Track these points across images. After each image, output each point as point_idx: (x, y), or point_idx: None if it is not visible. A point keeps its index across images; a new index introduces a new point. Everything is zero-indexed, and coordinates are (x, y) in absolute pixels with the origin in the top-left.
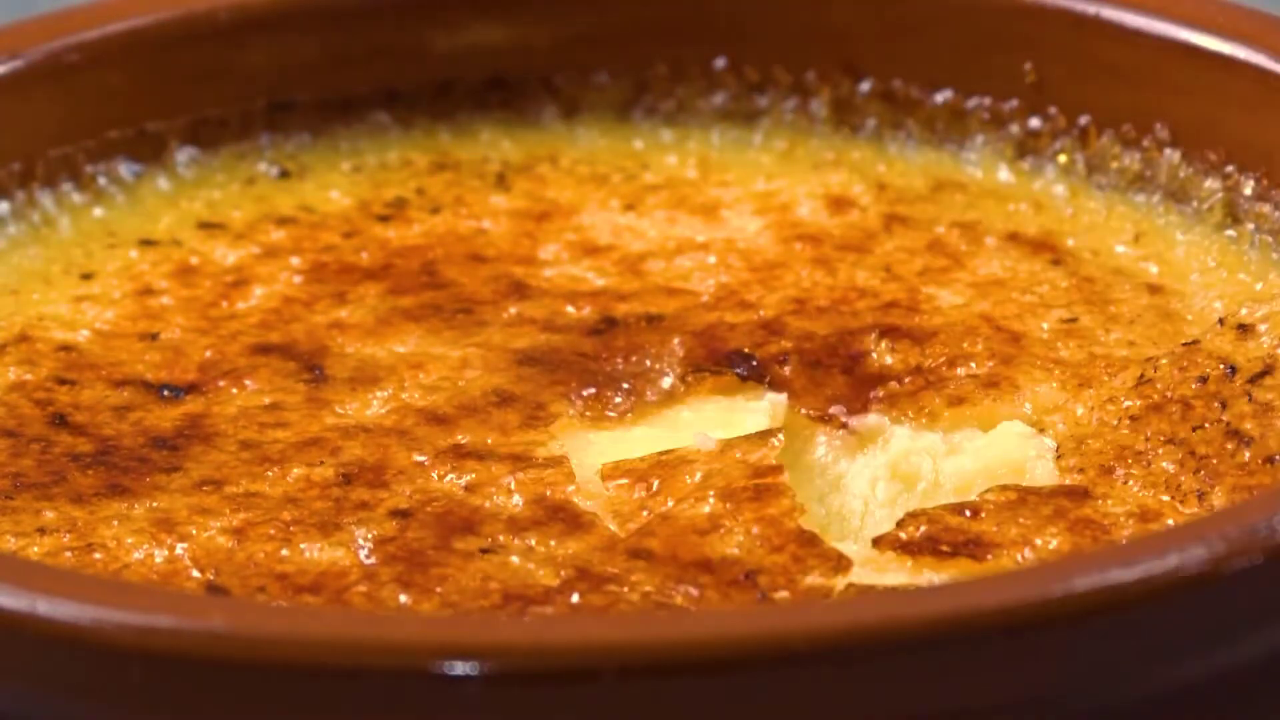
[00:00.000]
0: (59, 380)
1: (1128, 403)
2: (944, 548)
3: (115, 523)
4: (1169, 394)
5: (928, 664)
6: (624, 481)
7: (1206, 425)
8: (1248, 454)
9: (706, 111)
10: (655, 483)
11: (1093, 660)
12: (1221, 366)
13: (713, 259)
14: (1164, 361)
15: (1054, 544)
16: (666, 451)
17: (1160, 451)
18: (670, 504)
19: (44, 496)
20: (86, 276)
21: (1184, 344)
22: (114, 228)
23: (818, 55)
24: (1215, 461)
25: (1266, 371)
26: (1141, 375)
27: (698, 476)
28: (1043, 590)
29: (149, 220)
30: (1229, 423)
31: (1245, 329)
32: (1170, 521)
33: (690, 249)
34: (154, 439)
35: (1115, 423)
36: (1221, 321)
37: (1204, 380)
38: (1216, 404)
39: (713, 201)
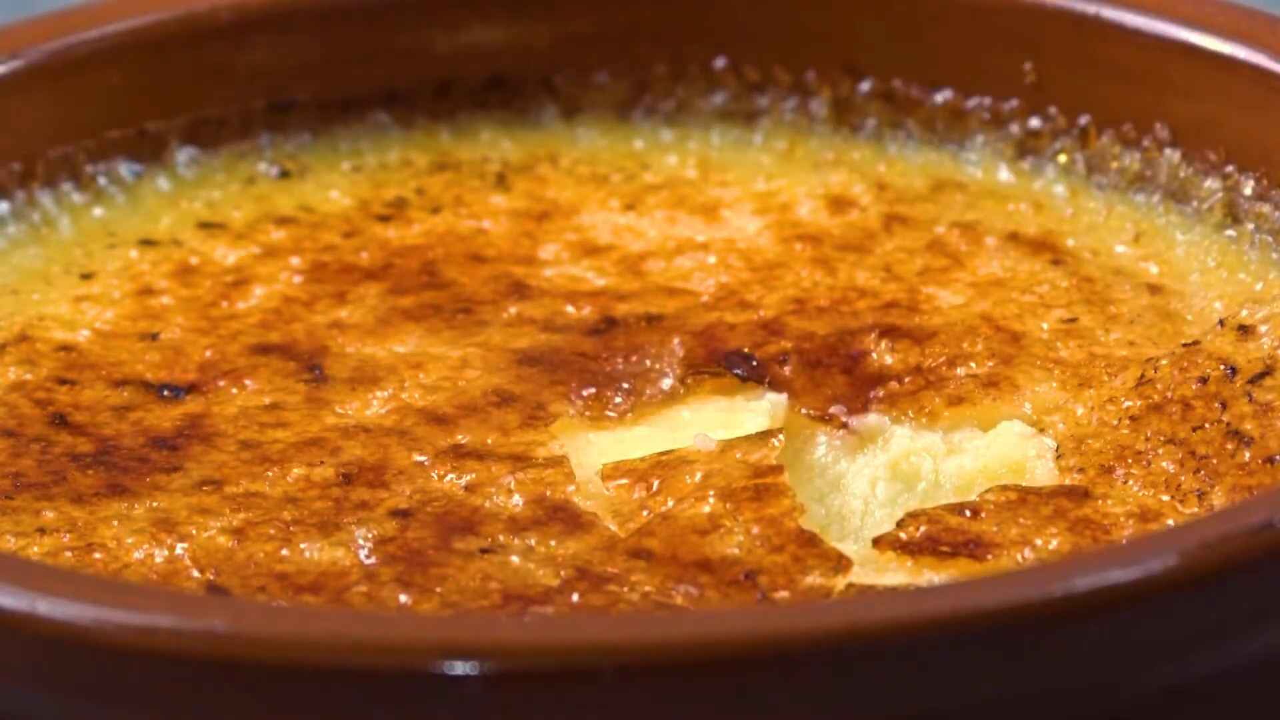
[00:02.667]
0: (59, 380)
1: (1128, 403)
2: (944, 548)
3: (115, 523)
4: (1169, 394)
5: (928, 664)
6: (624, 482)
7: (1207, 425)
8: (1248, 454)
9: (706, 111)
10: (655, 483)
11: (1093, 660)
12: (1222, 367)
13: (713, 259)
14: (1164, 362)
15: (1054, 544)
16: (667, 452)
17: (1160, 451)
18: (670, 504)
19: (44, 496)
20: (86, 276)
21: (1184, 344)
22: (114, 228)
23: (818, 55)
24: (1215, 461)
25: (1267, 372)
26: (1142, 375)
27: (698, 477)
28: (1043, 590)
29: (149, 220)
30: (1229, 423)
31: (1245, 330)
32: (1170, 522)
33: (690, 249)
34: (154, 439)
35: (1115, 423)
36: (1222, 322)
37: (1204, 381)
38: (1217, 404)
39: (713, 201)
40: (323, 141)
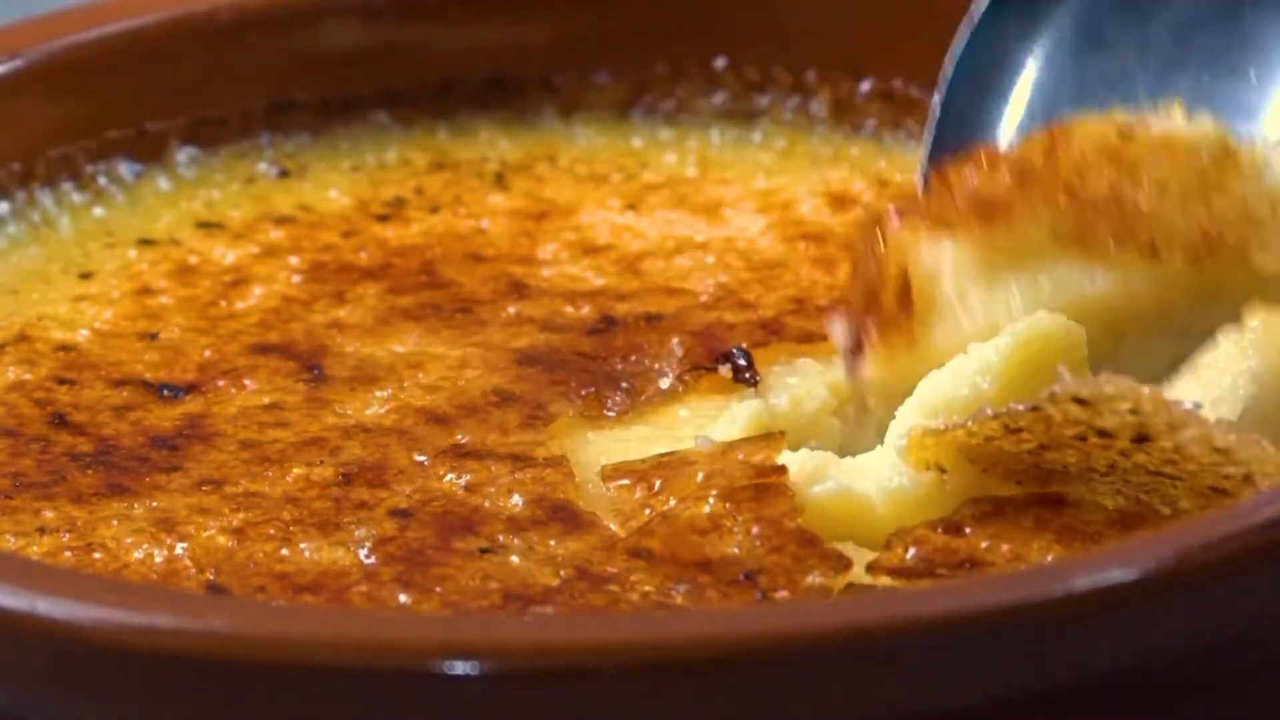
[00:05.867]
0: (58, 380)
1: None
2: (941, 570)
3: (115, 522)
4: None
5: (928, 664)
6: (625, 482)
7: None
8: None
9: (706, 111)
10: (657, 483)
11: (1093, 660)
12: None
13: (711, 259)
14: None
15: (1050, 557)
16: (668, 453)
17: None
18: (672, 504)
19: (44, 496)
20: (85, 276)
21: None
22: (113, 227)
23: (818, 55)
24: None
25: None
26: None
27: (699, 478)
28: (1043, 590)
29: (148, 220)
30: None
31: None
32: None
33: (689, 248)
34: (154, 439)
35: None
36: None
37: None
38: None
39: (714, 200)
40: (323, 141)
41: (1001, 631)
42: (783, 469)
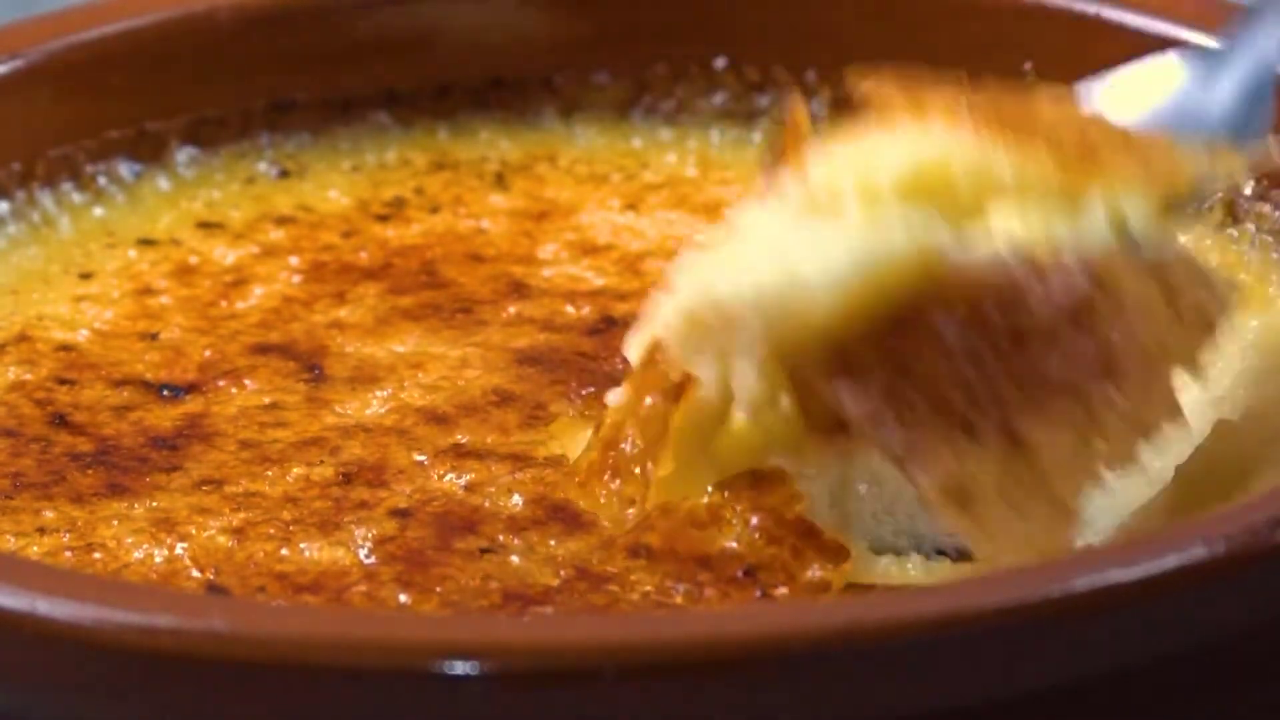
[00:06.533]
0: (59, 380)
1: None
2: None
3: (115, 522)
4: None
5: (928, 664)
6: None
7: None
8: None
9: (706, 111)
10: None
11: (1093, 660)
12: None
13: None
14: None
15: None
16: (596, 425)
17: None
18: (625, 448)
19: (44, 496)
20: (86, 276)
21: None
22: (113, 227)
23: (818, 55)
24: None
25: None
26: None
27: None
28: (1043, 590)
29: (148, 220)
30: None
31: None
32: None
33: (690, 248)
34: (154, 439)
35: None
36: None
37: None
38: None
39: (714, 200)
40: (323, 141)
41: (1001, 631)
42: (689, 379)
